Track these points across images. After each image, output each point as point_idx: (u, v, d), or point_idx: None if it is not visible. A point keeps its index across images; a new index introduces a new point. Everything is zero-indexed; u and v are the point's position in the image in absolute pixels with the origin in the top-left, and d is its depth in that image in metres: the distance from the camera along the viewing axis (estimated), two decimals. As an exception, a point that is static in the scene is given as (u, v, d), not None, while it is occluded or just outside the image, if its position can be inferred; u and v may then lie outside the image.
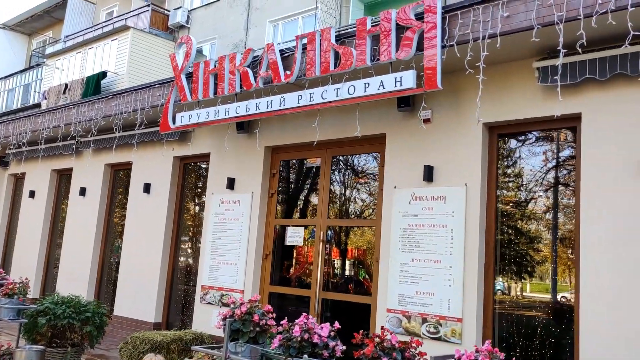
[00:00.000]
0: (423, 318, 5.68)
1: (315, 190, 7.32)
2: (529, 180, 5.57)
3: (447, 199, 5.73)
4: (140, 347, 7.10)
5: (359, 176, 7.00)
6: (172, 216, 8.98)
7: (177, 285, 8.89)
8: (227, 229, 7.87)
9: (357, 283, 6.90)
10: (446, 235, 5.67)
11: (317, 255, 6.94)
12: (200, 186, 9.06)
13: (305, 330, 3.03)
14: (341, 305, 6.79)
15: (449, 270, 5.59)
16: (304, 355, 3.02)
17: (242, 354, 3.41)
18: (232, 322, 3.47)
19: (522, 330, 5.34)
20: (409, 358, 2.79)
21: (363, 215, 6.93)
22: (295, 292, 7.25)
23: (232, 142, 7.87)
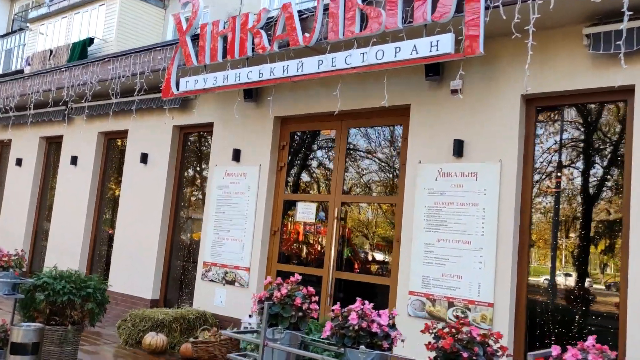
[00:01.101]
0: (450, 302, 5.33)
1: (329, 164, 6.88)
2: (569, 158, 5.20)
3: (479, 176, 5.34)
4: (140, 326, 6.70)
5: (378, 150, 6.57)
6: (171, 188, 8.50)
7: (176, 261, 8.45)
8: (232, 203, 7.42)
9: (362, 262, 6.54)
10: (477, 214, 5.30)
11: (330, 233, 6.54)
12: (203, 157, 8.57)
13: (362, 317, 2.64)
14: (355, 286, 6.43)
15: (479, 252, 5.23)
16: (360, 346, 2.63)
17: (282, 341, 3.02)
18: (271, 305, 3.07)
19: (557, 318, 5.02)
20: (490, 353, 2.42)
21: (382, 192, 6.52)
22: (305, 271, 6.84)
23: (238, 112, 7.37)
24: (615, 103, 4.95)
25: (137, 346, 6.71)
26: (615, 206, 4.83)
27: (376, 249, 6.54)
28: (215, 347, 5.96)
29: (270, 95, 6.96)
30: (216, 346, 5.97)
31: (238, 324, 6.81)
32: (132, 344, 6.75)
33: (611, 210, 4.86)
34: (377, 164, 6.55)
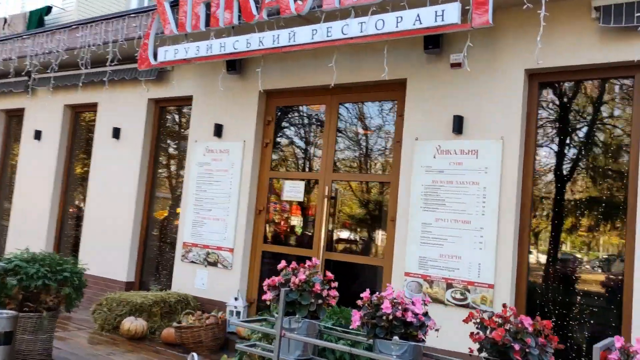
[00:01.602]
0: (448, 283, 5.17)
1: (319, 141, 6.60)
2: (573, 135, 5.06)
3: (479, 154, 5.15)
4: (118, 310, 6.34)
5: (370, 126, 6.31)
6: (147, 165, 8.06)
7: (152, 242, 8.06)
8: (214, 181, 7.07)
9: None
10: (478, 193, 5.12)
11: (320, 213, 6.28)
12: (181, 133, 8.14)
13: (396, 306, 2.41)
14: (346, 267, 6.21)
15: (479, 232, 5.07)
16: (394, 337, 2.39)
17: (299, 330, 2.76)
18: (288, 292, 2.79)
19: (558, 299, 4.92)
20: (542, 345, 2.22)
21: (375, 170, 6.28)
22: (293, 251, 6.59)
23: (221, 84, 6.98)
24: (622, 79, 4.80)
25: (115, 332, 6.36)
26: (621, 186, 4.72)
27: (368, 229, 6.32)
28: (201, 332, 5.67)
29: (255, 67, 6.59)
30: (202, 331, 5.67)
31: (223, 307, 6.52)
32: (108, 329, 6.38)
33: (616, 191, 4.75)
34: (369, 140, 6.29)
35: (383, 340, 2.42)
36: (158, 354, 5.69)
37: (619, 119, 4.85)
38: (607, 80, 4.89)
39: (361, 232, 6.39)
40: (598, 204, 4.83)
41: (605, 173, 4.84)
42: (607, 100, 4.92)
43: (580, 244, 4.94)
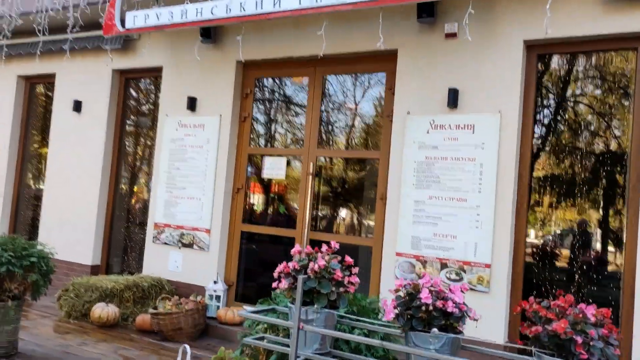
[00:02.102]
0: (442, 263, 4.98)
1: (302, 115, 6.25)
2: (573, 109, 4.90)
3: (476, 128, 4.94)
4: (86, 296, 5.91)
5: (357, 100, 6.01)
6: (112, 141, 7.54)
7: (120, 222, 7.58)
8: (187, 158, 6.64)
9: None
10: (474, 170, 4.92)
11: (303, 191, 5.97)
12: (150, 106, 7.64)
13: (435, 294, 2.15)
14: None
15: (476, 210, 4.88)
16: (432, 329, 2.14)
17: (317, 322, 2.47)
18: (306, 280, 2.49)
19: (555, 278, 4.81)
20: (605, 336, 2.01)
21: (363, 146, 6.00)
22: (275, 232, 6.28)
23: (193, 54, 6.52)
24: (625, 51, 4.65)
25: (84, 319, 5.93)
26: (622, 162, 4.60)
27: (356, 208, 6.06)
28: (181, 319, 5.32)
29: (233, 35, 6.16)
30: (181, 317, 5.32)
31: (200, 291, 6.18)
32: (76, 316, 5.94)
33: (617, 167, 4.63)
34: (356, 115, 6.00)
35: (419, 333, 2.16)
36: (134, 342, 5.31)
37: (621, 92, 4.71)
38: (609, 52, 4.73)
39: (348, 211, 6.13)
40: (598, 181, 4.71)
41: (606, 149, 4.71)
42: (609, 72, 4.76)
43: (579, 222, 4.81)
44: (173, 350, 5.12)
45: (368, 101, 5.90)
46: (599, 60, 4.80)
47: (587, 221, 4.77)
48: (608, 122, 4.74)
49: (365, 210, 5.92)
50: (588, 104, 4.84)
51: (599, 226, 4.73)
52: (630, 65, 4.62)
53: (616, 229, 4.59)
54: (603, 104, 4.79)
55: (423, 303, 2.13)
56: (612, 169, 4.66)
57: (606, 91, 4.78)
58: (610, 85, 4.75)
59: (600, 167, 4.70)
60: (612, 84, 4.74)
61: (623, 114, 4.66)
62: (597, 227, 4.73)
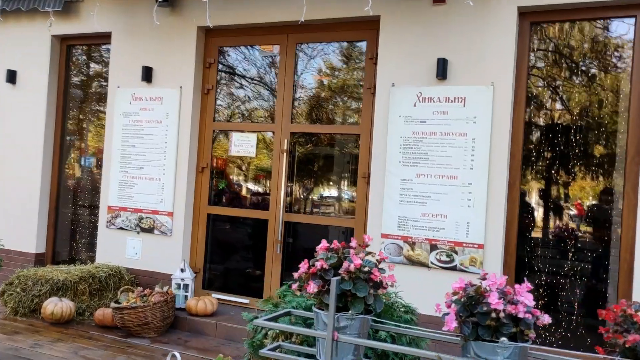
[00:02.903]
0: (432, 244, 4.72)
1: (273, 88, 5.77)
2: (568, 80, 4.69)
3: (467, 101, 4.65)
4: (35, 290, 5.29)
5: (334, 71, 5.58)
6: (54, 115, 6.78)
7: (66, 206, 6.88)
8: (144, 134, 6.03)
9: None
10: (465, 145, 4.65)
11: (277, 169, 5.54)
12: (98, 77, 6.90)
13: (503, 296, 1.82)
14: (308, 230, 5.58)
15: (468, 188, 4.63)
16: (502, 339, 1.82)
17: (350, 329, 2.10)
18: (339, 282, 2.10)
19: (548, 256, 4.65)
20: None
21: (341, 121, 5.60)
22: (246, 214, 5.82)
23: (147, 19, 5.87)
24: (622, 19, 4.46)
25: (33, 315, 5.31)
26: (620, 136, 4.45)
27: (334, 187, 5.70)
28: (148, 313, 4.81)
29: None
30: (148, 311, 4.82)
31: (164, 280, 5.67)
32: (25, 313, 5.31)
33: (614, 140, 4.47)
34: (333, 87, 5.58)
35: (484, 343, 1.84)
36: (95, 340, 4.78)
37: (618, 62, 4.53)
38: (606, 20, 4.53)
39: (325, 190, 5.76)
40: (594, 156, 4.55)
41: (602, 122, 4.54)
42: (605, 42, 4.57)
43: (573, 199, 4.66)
44: (141, 347, 4.63)
45: (347, 72, 5.49)
46: (596, 29, 4.59)
47: (580, 197, 4.62)
48: (605, 94, 4.56)
49: (346, 189, 5.57)
50: (584, 75, 4.65)
51: (596, 201, 4.59)
52: (627, 35, 4.44)
53: (613, 203, 4.46)
54: (600, 75, 4.60)
55: (492, 309, 1.81)
56: (608, 143, 4.50)
57: (603, 62, 4.60)
58: (607, 55, 4.57)
59: (596, 141, 4.54)
60: (609, 53, 4.56)
61: (620, 85, 4.49)
62: (593, 202, 4.59)
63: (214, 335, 5.03)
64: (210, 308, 5.17)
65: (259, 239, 5.64)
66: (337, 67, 5.55)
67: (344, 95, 5.54)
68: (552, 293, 4.60)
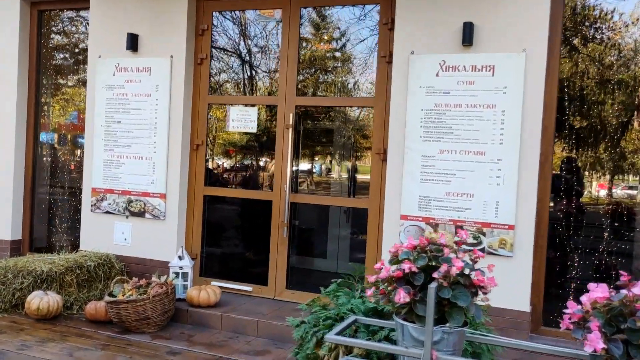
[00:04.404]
0: (457, 226, 4.38)
1: (275, 56, 5.28)
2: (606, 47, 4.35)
3: (496, 70, 4.27)
4: (16, 283, 4.78)
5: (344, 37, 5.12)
6: (26, 87, 6.14)
7: (43, 188, 6.30)
8: (131, 109, 5.48)
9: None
10: (494, 118, 4.28)
11: (281, 146, 5.09)
12: (76, 45, 6.26)
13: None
14: (316, 211, 5.18)
15: (497, 165, 4.28)
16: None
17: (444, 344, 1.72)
18: (437, 288, 1.70)
19: (581, 236, 4.37)
20: None
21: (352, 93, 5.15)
22: (247, 195, 5.37)
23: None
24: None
25: (15, 311, 4.80)
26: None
27: (344, 165, 5.28)
28: (147, 306, 4.36)
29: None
30: (148, 305, 4.36)
31: (158, 268, 5.20)
32: (6, 309, 4.79)
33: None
34: (342, 55, 5.12)
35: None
36: (89, 338, 4.30)
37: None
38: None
39: (334, 169, 5.34)
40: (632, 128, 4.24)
41: (639, 93, 4.23)
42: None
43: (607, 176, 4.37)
44: (143, 345, 4.18)
45: (357, 39, 5.03)
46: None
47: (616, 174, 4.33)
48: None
49: (357, 167, 5.16)
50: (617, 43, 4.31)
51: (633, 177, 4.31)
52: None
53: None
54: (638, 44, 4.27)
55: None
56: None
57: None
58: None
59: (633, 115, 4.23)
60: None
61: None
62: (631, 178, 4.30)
63: (220, 328, 4.61)
64: (214, 298, 4.75)
65: (262, 222, 5.21)
66: (346, 33, 5.08)
67: (355, 64, 5.09)
68: (585, 273, 4.33)
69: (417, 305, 1.77)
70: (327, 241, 5.46)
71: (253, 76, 5.48)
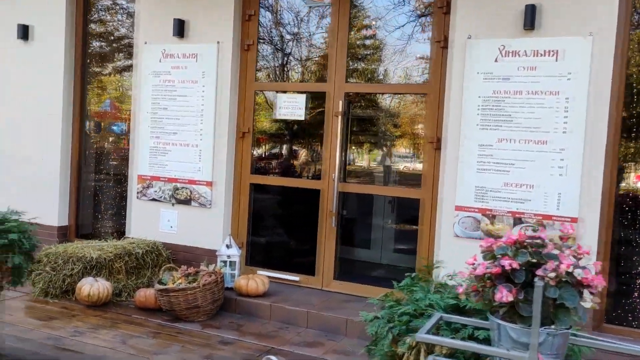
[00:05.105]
0: (516, 218, 4.21)
1: (324, 41, 5.16)
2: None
3: (559, 55, 4.07)
4: (66, 269, 4.79)
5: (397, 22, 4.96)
6: (72, 74, 6.15)
7: (89, 175, 6.33)
8: (177, 96, 5.44)
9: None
10: (558, 105, 4.09)
11: (329, 134, 4.97)
12: (122, 31, 6.24)
13: None
14: (365, 201, 5.07)
15: (560, 155, 4.09)
16: None
17: (548, 346, 1.60)
18: (544, 286, 1.58)
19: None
20: None
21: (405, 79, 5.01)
22: (294, 183, 5.29)
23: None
24: None
25: (65, 296, 4.83)
26: None
27: (396, 154, 5.15)
28: (198, 295, 4.33)
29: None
30: (198, 293, 4.33)
31: (204, 256, 5.17)
32: (56, 294, 4.82)
33: None
34: (395, 41, 4.97)
35: None
36: (140, 325, 4.30)
37: None
38: None
39: (388, 157, 5.21)
40: None
41: None
42: None
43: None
44: (194, 334, 4.16)
45: (411, 23, 4.87)
46: None
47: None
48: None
49: (410, 156, 5.03)
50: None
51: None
52: None
53: None
54: None
55: None
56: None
57: None
58: None
59: None
60: None
61: None
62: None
63: (269, 319, 4.56)
64: (262, 288, 4.69)
65: (309, 211, 5.12)
66: (398, 17, 4.92)
67: (408, 49, 4.93)
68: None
69: (520, 304, 1.65)
70: (374, 231, 5.35)
71: (301, 62, 5.37)
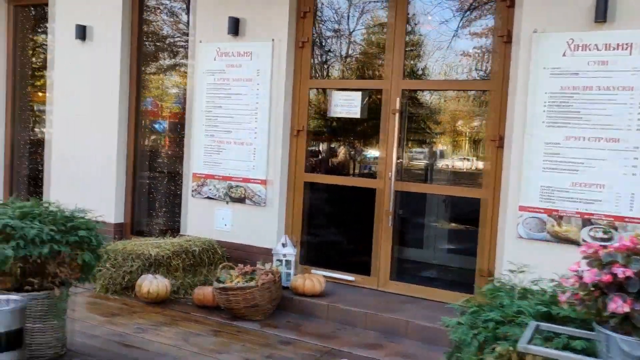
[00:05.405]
0: (585, 219, 4.05)
1: (380, 38, 5.08)
2: None
3: (634, 49, 3.89)
4: (126, 266, 4.87)
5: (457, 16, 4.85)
6: (128, 73, 6.24)
7: (144, 173, 6.43)
8: (232, 94, 5.45)
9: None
10: (631, 102, 3.90)
11: (386, 132, 4.89)
12: (178, 30, 6.31)
13: None
14: (422, 201, 4.97)
15: (633, 153, 3.91)
16: None
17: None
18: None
19: None
20: None
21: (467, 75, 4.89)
22: (349, 182, 5.25)
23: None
24: None
25: (124, 293, 4.90)
26: None
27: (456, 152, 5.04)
28: (256, 294, 4.32)
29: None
30: (256, 292, 4.33)
31: (260, 254, 5.17)
32: (116, 290, 4.91)
33: None
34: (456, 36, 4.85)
35: None
36: (200, 323, 4.32)
37: None
38: None
39: (445, 156, 5.11)
40: None
41: None
42: None
43: None
44: (253, 333, 4.16)
45: (472, 17, 4.75)
46: None
47: None
48: None
49: (471, 155, 4.91)
50: None
51: None
52: None
53: None
54: None
55: None
56: None
57: None
58: None
59: None
60: None
61: None
62: None
63: (326, 319, 4.52)
64: (319, 287, 4.66)
65: (364, 210, 5.06)
66: (458, 11, 4.80)
67: (469, 44, 4.81)
68: None
69: (637, 315, 1.55)
70: (429, 231, 5.25)
71: (356, 59, 5.31)
